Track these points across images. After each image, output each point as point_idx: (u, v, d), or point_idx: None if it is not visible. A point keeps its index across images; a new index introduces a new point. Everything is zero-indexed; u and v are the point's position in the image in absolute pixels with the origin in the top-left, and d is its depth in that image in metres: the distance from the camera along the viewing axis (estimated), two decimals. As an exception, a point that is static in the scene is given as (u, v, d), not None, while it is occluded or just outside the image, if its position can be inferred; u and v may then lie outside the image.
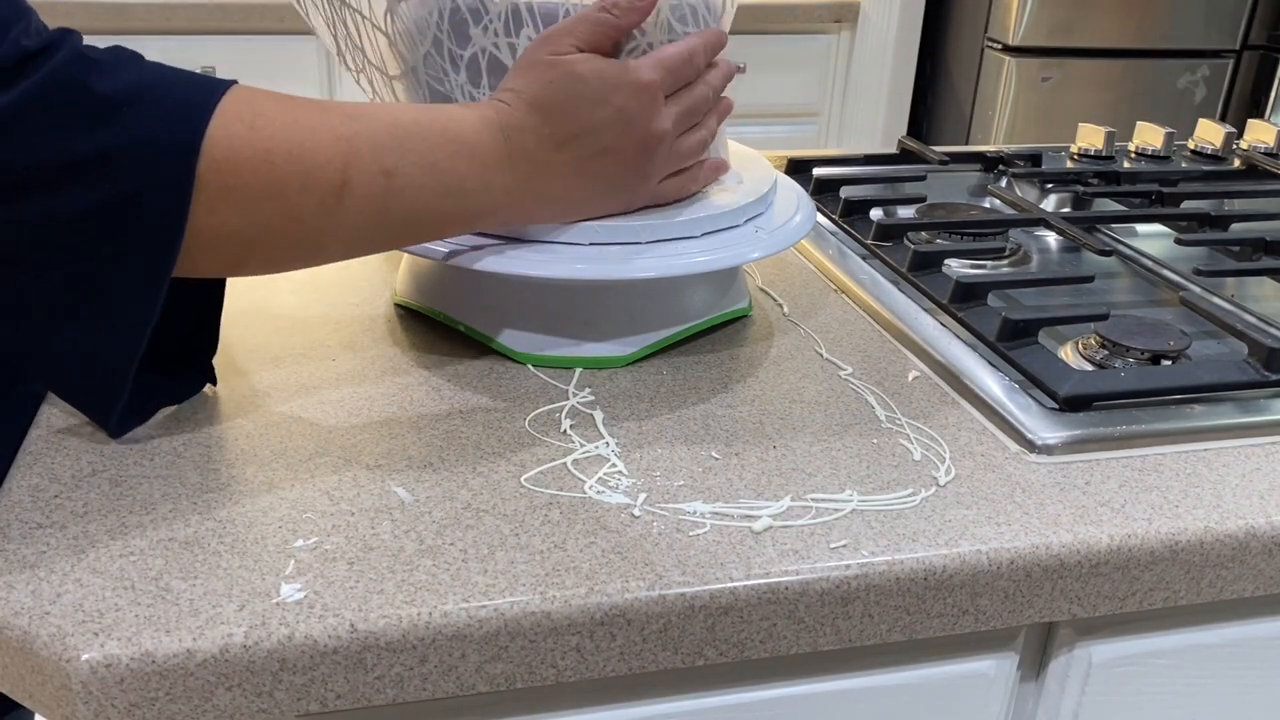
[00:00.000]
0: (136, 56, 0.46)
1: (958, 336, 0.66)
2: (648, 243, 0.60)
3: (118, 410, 0.50)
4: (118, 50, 0.45)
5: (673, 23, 0.58)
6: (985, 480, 0.54)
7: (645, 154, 0.57)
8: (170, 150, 0.44)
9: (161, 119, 0.44)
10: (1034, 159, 1.03)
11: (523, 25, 0.57)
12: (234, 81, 0.48)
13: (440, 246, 0.58)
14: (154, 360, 0.52)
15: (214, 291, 0.56)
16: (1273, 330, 0.68)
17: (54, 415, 0.54)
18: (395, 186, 0.50)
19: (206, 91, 0.46)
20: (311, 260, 0.52)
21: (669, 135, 0.57)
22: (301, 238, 0.50)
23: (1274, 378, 0.62)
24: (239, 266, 0.50)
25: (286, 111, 0.48)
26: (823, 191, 0.91)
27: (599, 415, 0.57)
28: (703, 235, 0.61)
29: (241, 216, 0.47)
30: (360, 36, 0.62)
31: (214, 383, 0.58)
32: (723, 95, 0.62)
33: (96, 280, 0.45)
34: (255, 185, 0.47)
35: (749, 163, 0.71)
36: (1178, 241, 0.83)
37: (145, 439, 0.53)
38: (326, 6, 0.63)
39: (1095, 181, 0.97)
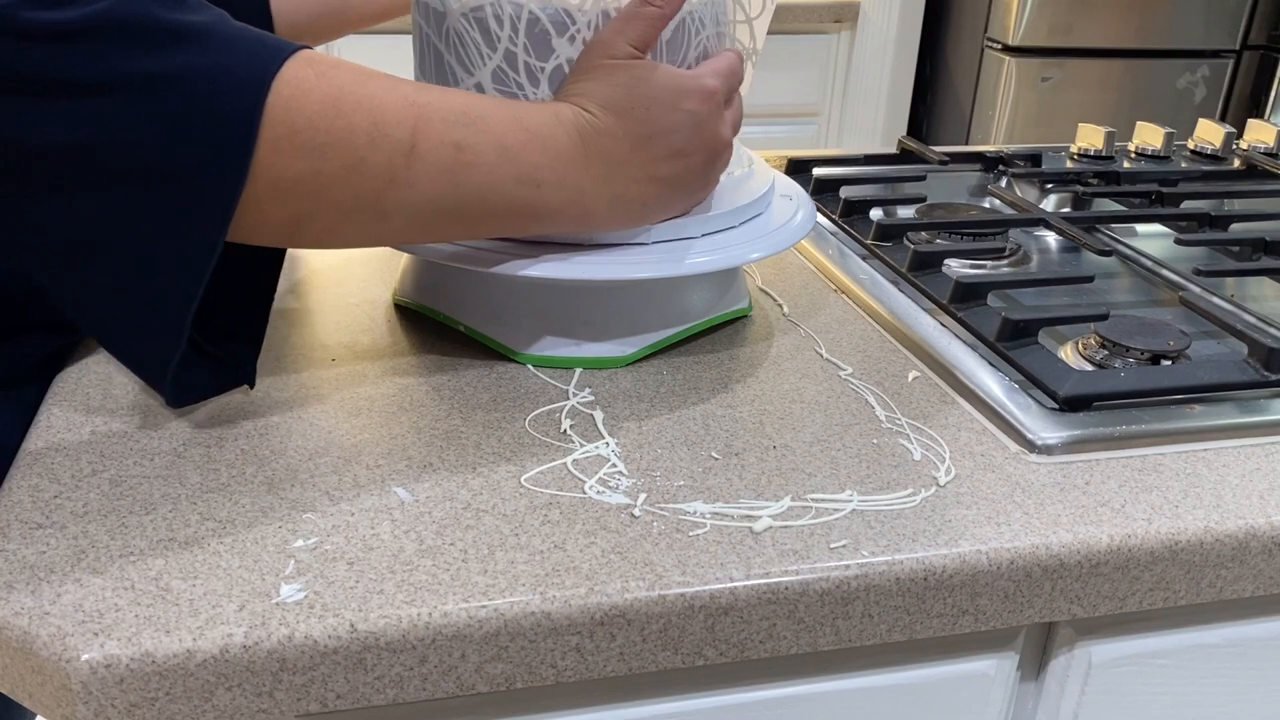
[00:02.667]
0: (219, 10, 0.46)
1: (957, 336, 0.66)
2: (649, 243, 0.60)
3: (172, 366, 0.48)
4: None
5: (719, 17, 0.59)
6: (985, 480, 0.54)
7: (713, 158, 0.58)
8: (239, 79, 0.44)
9: (232, 52, 0.44)
10: (1034, 159, 1.03)
11: None
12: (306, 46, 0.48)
13: (443, 247, 0.58)
14: (198, 345, 0.52)
15: (265, 286, 0.56)
16: (1273, 330, 0.68)
17: (54, 415, 0.55)
18: (466, 161, 0.50)
19: (279, 42, 0.46)
20: (374, 231, 0.50)
21: (730, 142, 0.58)
22: (366, 198, 0.48)
23: (1274, 378, 0.62)
24: (301, 226, 0.48)
25: (357, 71, 0.48)
26: (823, 191, 0.91)
27: (599, 415, 0.57)
28: (702, 236, 0.61)
29: (307, 161, 0.46)
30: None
31: (251, 385, 0.57)
32: None
33: (158, 209, 0.44)
34: (323, 129, 0.46)
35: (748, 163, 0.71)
36: (1178, 241, 0.83)
37: (145, 439, 0.53)
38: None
39: (1095, 181, 0.97)
